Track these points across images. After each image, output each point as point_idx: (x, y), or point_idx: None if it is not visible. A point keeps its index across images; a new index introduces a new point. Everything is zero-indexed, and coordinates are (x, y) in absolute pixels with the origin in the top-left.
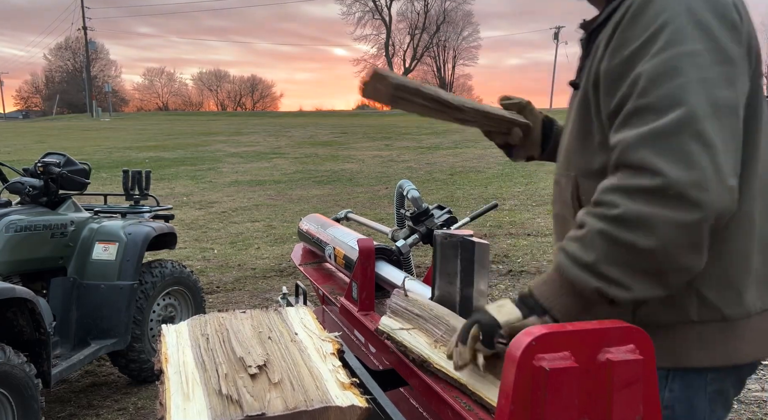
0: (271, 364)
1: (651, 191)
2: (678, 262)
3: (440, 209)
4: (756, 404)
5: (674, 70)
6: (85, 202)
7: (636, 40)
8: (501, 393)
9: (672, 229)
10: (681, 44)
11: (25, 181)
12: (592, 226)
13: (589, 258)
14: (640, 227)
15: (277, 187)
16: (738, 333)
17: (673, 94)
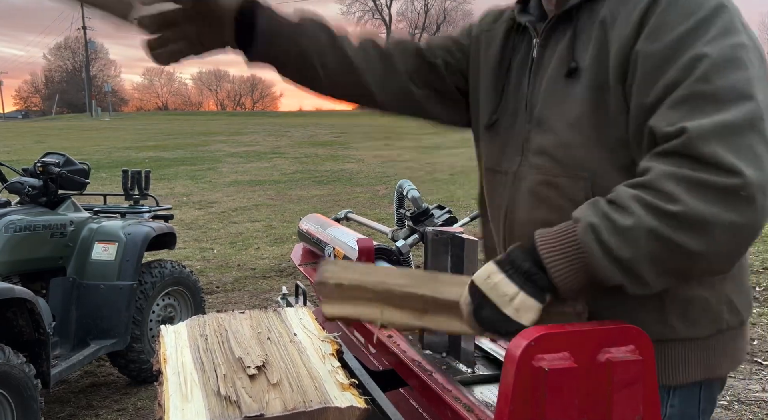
0: (270, 365)
1: (723, 190)
2: (717, 267)
3: (440, 209)
4: (757, 405)
5: (740, 61)
6: (84, 202)
7: (683, 22)
8: (500, 393)
9: (730, 234)
10: (737, 35)
11: (24, 181)
12: (641, 220)
13: (626, 254)
14: (697, 229)
15: (277, 187)
16: (745, 335)
17: (740, 87)
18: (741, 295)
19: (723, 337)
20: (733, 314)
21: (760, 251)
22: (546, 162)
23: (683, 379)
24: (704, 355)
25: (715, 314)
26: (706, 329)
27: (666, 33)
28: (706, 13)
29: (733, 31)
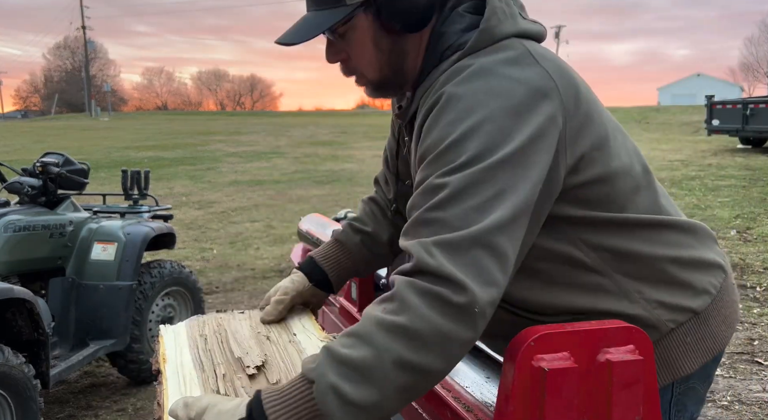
0: (270, 365)
1: (453, 306)
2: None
3: None
4: (757, 405)
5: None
6: (84, 202)
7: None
8: (500, 393)
9: (464, 348)
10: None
11: (23, 181)
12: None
13: (372, 398)
14: (436, 347)
15: (277, 187)
16: (709, 321)
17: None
18: (672, 292)
19: (675, 335)
20: (674, 312)
21: (760, 251)
22: None
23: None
24: (662, 358)
25: (651, 322)
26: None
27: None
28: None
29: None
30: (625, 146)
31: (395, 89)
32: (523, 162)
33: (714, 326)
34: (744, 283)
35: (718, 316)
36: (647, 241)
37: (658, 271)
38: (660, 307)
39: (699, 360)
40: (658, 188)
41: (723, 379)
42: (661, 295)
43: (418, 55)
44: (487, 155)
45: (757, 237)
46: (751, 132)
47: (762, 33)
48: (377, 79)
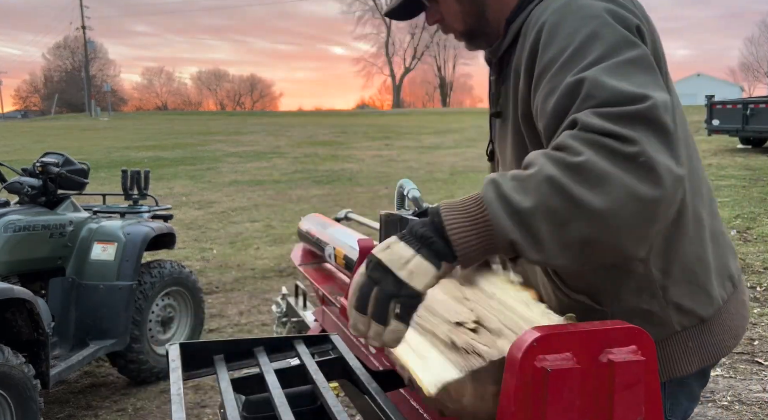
0: (484, 320)
1: (622, 154)
2: (617, 237)
3: None
4: (758, 405)
5: (625, 72)
6: (83, 202)
7: (558, 59)
8: (502, 394)
9: (630, 199)
10: (619, 53)
11: (23, 181)
12: (542, 168)
13: (524, 204)
14: (598, 184)
15: (277, 187)
16: (714, 330)
17: (626, 90)
18: (692, 296)
19: (678, 338)
20: (684, 315)
21: (761, 251)
22: None
23: None
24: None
25: (661, 320)
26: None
27: (547, 72)
28: (581, 42)
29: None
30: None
31: (484, 37)
32: (650, 67)
33: (717, 335)
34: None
35: (724, 326)
36: (692, 239)
37: (688, 271)
38: (673, 308)
39: (697, 364)
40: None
41: (723, 379)
42: (680, 296)
43: (501, 3)
44: (614, 55)
45: (757, 237)
46: (751, 132)
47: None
48: (464, 29)
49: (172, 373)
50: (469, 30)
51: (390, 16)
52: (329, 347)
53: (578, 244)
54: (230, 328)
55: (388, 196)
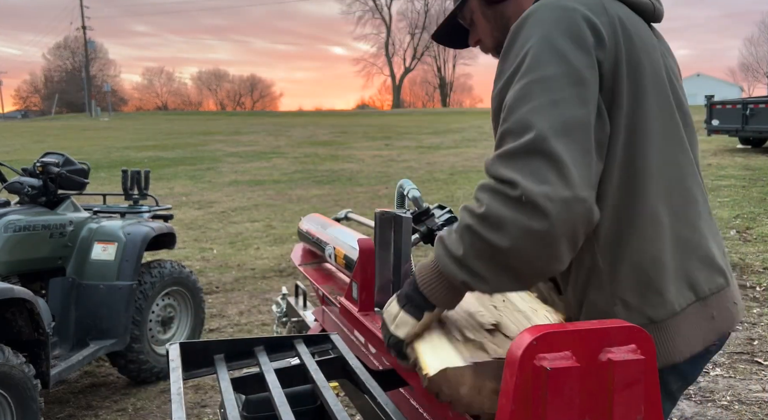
0: (503, 326)
1: (510, 198)
2: (530, 264)
3: (441, 209)
4: (757, 405)
5: (527, 96)
6: (84, 202)
7: (507, 70)
8: (502, 393)
9: (524, 235)
10: (536, 70)
11: (24, 181)
12: (462, 221)
13: (458, 252)
14: (499, 227)
15: (277, 186)
16: (668, 334)
17: (524, 118)
18: (640, 295)
19: None
20: (631, 312)
21: (760, 251)
22: None
23: None
24: None
25: (607, 314)
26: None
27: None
28: (521, 56)
29: (534, 67)
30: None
31: None
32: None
33: (670, 340)
34: (744, 283)
35: (678, 332)
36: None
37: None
38: (620, 304)
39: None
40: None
41: (723, 379)
42: (627, 292)
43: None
44: (530, 73)
45: (757, 237)
46: (750, 132)
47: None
48: (493, 44)
49: (172, 373)
50: (497, 44)
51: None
52: (329, 347)
53: (508, 273)
54: (230, 328)
55: (388, 196)
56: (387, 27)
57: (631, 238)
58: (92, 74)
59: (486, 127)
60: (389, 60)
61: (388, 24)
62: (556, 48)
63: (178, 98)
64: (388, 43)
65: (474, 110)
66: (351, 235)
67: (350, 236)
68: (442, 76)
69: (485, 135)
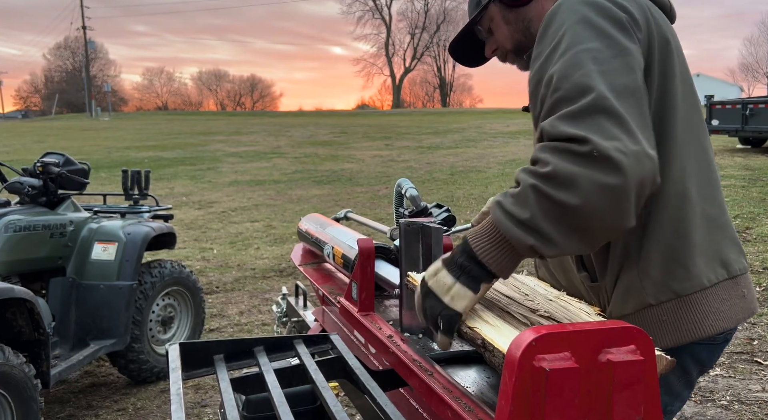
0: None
1: (580, 154)
2: (602, 221)
3: (439, 208)
4: (757, 405)
5: (577, 64)
6: (84, 202)
7: (545, 51)
8: (501, 393)
9: (596, 190)
10: (580, 44)
11: (24, 181)
12: (525, 183)
13: (525, 215)
14: (567, 185)
15: (277, 187)
16: (697, 307)
17: (580, 82)
18: (666, 269)
19: (654, 311)
20: (658, 288)
21: (760, 251)
22: None
23: None
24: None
25: (638, 291)
26: (631, 306)
27: (537, 61)
28: (559, 36)
29: (577, 42)
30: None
31: (529, 47)
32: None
33: (697, 314)
34: None
35: (706, 306)
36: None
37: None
38: (647, 279)
39: (672, 340)
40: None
41: (722, 379)
42: (653, 267)
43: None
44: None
45: (757, 237)
46: (750, 132)
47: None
48: (513, 47)
49: (172, 373)
50: (517, 46)
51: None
52: (329, 347)
53: (578, 233)
54: (230, 328)
55: (387, 196)
56: (387, 27)
57: (660, 215)
58: (92, 74)
59: (486, 127)
60: (389, 60)
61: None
62: (594, 25)
63: (179, 98)
64: (388, 43)
65: (474, 110)
66: (350, 234)
67: (349, 236)
68: (442, 76)
69: (485, 135)
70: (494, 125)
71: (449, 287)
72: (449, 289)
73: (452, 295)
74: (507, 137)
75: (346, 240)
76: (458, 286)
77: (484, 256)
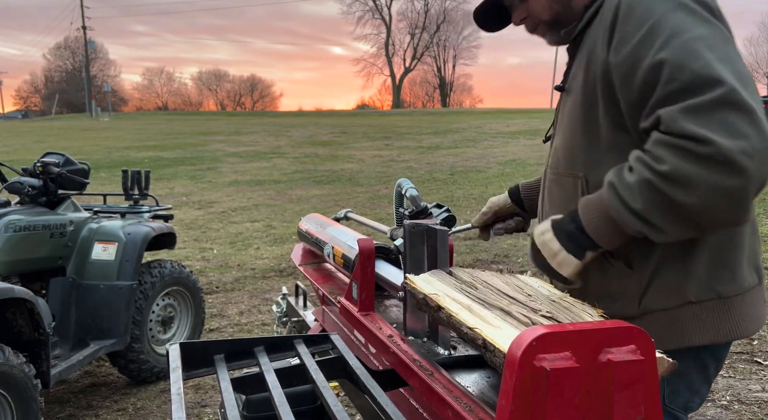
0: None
1: (701, 156)
2: (717, 218)
3: (439, 208)
4: (757, 404)
5: (695, 52)
6: (84, 202)
7: (636, 33)
8: (501, 393)
9: (715, 192)
10: (688, 31)
11: (24, 181)
12: (640, 175)
13: (636, 205)
14: (684, 185)
15: (277, 187)
16: (737, 310)
17: (704, 72)
18: (713, 270)
19: (693, 309)
20: (701, 287)
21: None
22: (556, 161)
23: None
24: (669, 326)
25: (678, 286)
26: (670, 301)
27: (626, 43)
28: (656, 18)
29: (684, 29)
30: None
31: (565, 25)
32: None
33: (736, 316)
34: None
35: (745, 309)
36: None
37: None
38: (692, 277)
39: (709, 337)
40: None
41: (722, 379)
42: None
43: None
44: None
45: None
46: None
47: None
48: (550, 17)
49: (172, 373)
50: (555, 19)
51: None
52: (329, 347)
53: (690, 226)
54: (230, 328)
55: (387, 196)
56: (387, 27)
57: None
58: (92, 74)
59: (486, 128)
60: (389, 60)
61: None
62: (694, 11)
63: (179, 98)
64: (388, 43)
65: (474, 110)
66: (350, 234)
67: (349, 236)
68: (442, 76)
69: (485, 135)
70: (494, 125)
71: (555, 253)
72: (555, 255)
73: (559, 262)
74: (507, 137)
75: (346, 240)
76: (564, 254)
77: (592, 229)
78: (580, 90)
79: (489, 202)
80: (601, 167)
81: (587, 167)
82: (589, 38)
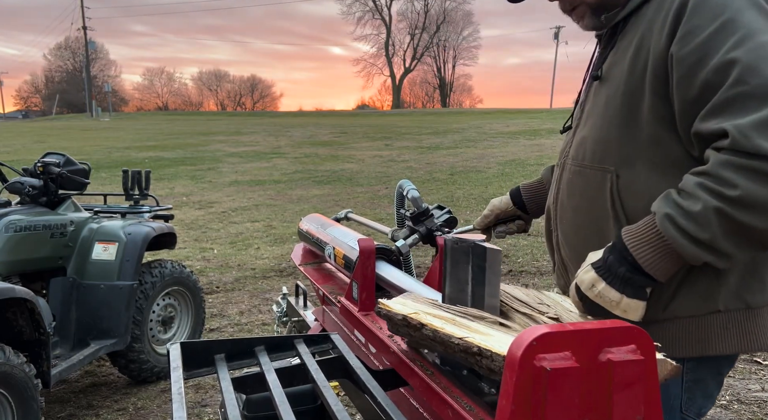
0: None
1: None
2: None
3: (440, 209)
4: (756, 404)
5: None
6: (84, 202)
7: (707, 27)
8: (501, 393)
9: None
10: (764, 33)
11: (24, 181)
12: (707, 203)
13: (705, 235)
14: (758, 210)
15: (277, 187)
16: (760, 321)
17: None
18: (743, 280)
19: (720, 318)
20: (730, 296)
21: None
22: (581, 152)
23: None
24: (695, 334)
25: (707, 294)
26: (699, 309)
27: (695, 36)
28: (730, 14)
29: (759, 30)
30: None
31: (611, 9)
32: None
33: (763, 327)
34: None
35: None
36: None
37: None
38: (722, 286)
39: (734, 348)
40: None
41: None
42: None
43: None
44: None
45: None
46: None
47: None
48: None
49: (173, 373)
50: (600, 3)
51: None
52: (329, 346)
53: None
54: (231, 328)
55: (388, 196)
56: (387, 27)
57: None
58: (93, 74)
59: (485, 128)
60: (389, 60)
61: (387, 24)
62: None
63: (179, 98)
64: (388, 43)
65: (474, 110)
66: (351, 235)
67: (350, 236)
68: (442, 76)
69: (485, 135)
70: (494, 125)
71: (617, 302)
72: (618, 304)
73: (623, 309)
74: (507, 137)
75: (347, 241)
76: (627, 300)
77: (650, 267)
78: (622, 79)
79: (490, 204)
80: (636, 164)
81: (620, 162)
82: (637, 26)
